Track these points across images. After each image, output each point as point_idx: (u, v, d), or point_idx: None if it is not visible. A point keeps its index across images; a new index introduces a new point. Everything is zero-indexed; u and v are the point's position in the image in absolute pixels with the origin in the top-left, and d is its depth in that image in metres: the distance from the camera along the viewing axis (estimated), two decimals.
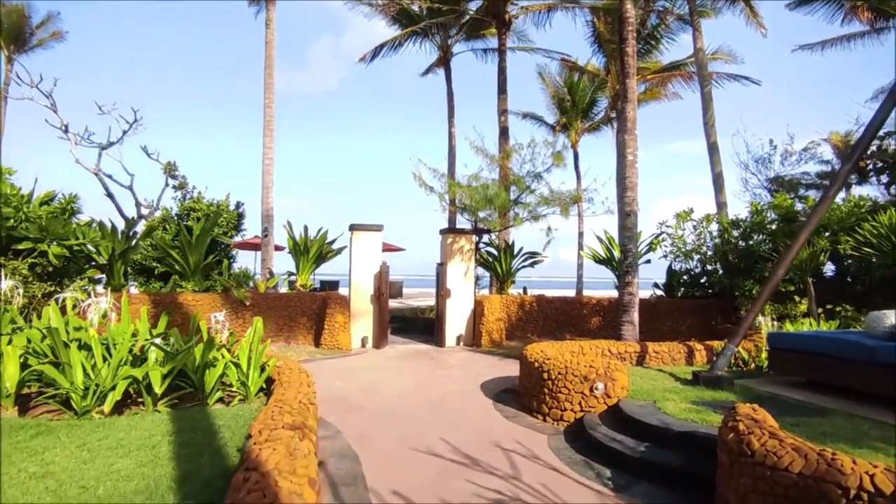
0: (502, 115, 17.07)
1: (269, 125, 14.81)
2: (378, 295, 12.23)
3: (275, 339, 11.86)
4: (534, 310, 13.57)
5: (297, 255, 12.92)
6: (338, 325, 11.58)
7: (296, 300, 12.11)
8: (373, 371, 9.29)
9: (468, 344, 12.80)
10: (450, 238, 12.92)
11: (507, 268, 14.21)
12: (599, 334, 13.50)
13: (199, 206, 17.17)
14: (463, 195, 12.82)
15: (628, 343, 8.44)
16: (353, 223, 12.41)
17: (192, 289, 11.36)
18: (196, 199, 18.07)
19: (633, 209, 11.28)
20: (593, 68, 24.38)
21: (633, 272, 11.17)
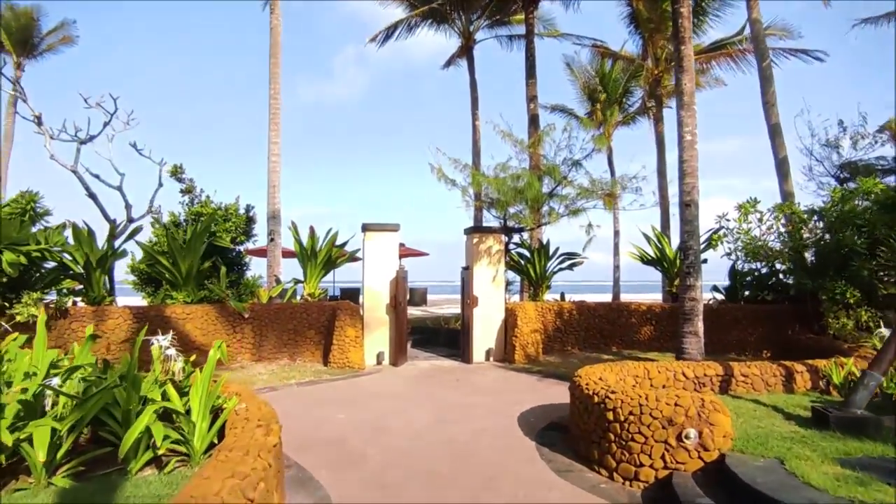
0: (531, 103, 15.40)
1: (274, 118, 13.48)
2: (395, 304, 10.68)
3: (278, 357, 10.42)
4: (574, 319, 11.81)
5: (304, 261, 11.48)
6: (348, 340, 10.06)
7: (302, 311, 10.65)
8: (386, 397, 7.71)
9: (499, 359, 11.12)
10: (476, 238, 11.30)
11: (541, 271, 12.49)
12: (651, 346, 11.65)
13: (207, 211, 15.99)
14: (489, 188, 11.19)
15: (707, 364, 6.61)
16: (366, 223, 10.91)
17: (184, 300, 10.02)
18: (204, 202, 16.97)
19: (693, 198, 9.47)
20: (627, 54, 22.51)
21: (695, 273, 9.35)
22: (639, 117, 25.75)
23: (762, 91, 14.35)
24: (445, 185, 11.20)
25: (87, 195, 10.31)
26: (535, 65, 15.70)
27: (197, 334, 9.54)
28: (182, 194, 18.16)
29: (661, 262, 12.56)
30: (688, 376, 6.33)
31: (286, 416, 6.61)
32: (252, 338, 10.25)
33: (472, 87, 19.05)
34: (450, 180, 11.08)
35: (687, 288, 9.35)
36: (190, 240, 10.11)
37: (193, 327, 9.51)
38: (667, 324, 11.60)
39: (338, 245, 11.80)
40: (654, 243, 12.65)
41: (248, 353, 10.19)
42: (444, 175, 10.99)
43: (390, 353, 10.76)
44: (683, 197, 9.54)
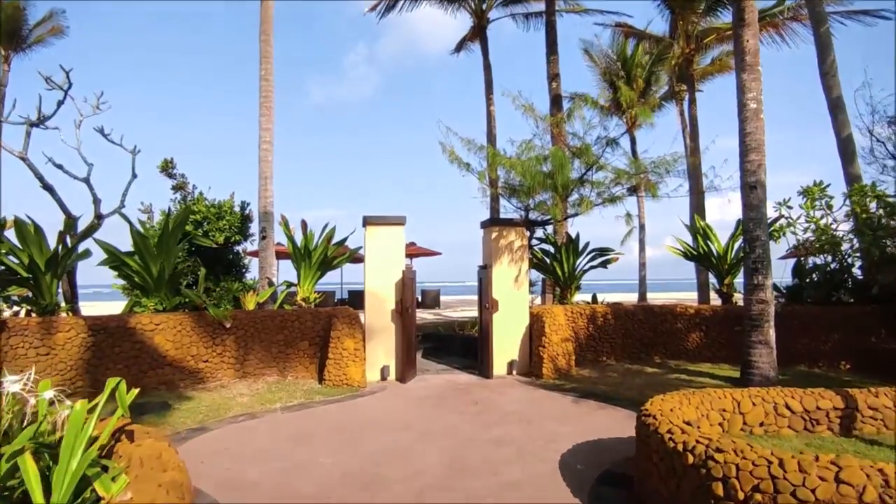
0: (553, 82, 13.76)
1: (265, 101, 12.03)
2: (401, 309, 9.14)
3: (265, 372, 8.93)
4: (609, 324, 10.17)
5: (297, 261, 10.00)
6: (347, 353, 8.53)
7: (293, 319, 9.16)
8: (387, 429, 6.15)
9: (523, 372, 9.53)
10: (495, 232, 9.71)
11: (570, 269, 10.86)
12: (701, 356, 9.96)
13: (199, 209, 14.71)
14: (510, 174, 9.59)
15: (819, 393, 4.86)
16: (368, 215, 9.39)
17: (155, 307, 8.59)
18: (197, 199, 15.69)
19: (759, 179, 7.81)
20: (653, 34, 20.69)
21: (764, 270, 7.69)
22: (665, 104, 23.97)
23: (819, 61, 12.54)
24: (459, 169, 9.63)
25: (42, 187, 8.92)
26: (556, 40, 14.05)
27: (168, 348, 8.09)
28: (173, 191, 16.89)
29: (708, 258, 10.85)
30: (793, 409, 4.67)
31: (255, 461, 5.10)
32: (235, 351, 8.78)
33: (485, 70, 17.48)
34: (463, 164, 9.51)
35: (754, 288, 7.68)
36: (161, 237, 8.66)
37: (164, 340, 8.06)
38: (720, 329, 9.90)
39: (336, 242, 10.29)
40: (699, 235, 10.95)
41: (229, 369, 8.72)
42: (456, 158, 9.42)
43: (396, 366, 9.22)
44: (746, 178, 7.88)
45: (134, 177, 10.23)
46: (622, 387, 8.05)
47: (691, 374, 8.78)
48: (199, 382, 8.34)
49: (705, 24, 19.05)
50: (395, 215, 9.45)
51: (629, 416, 6.48)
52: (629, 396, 7.42)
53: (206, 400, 7.46)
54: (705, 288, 16.89)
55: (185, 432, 5.99)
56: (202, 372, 8.42)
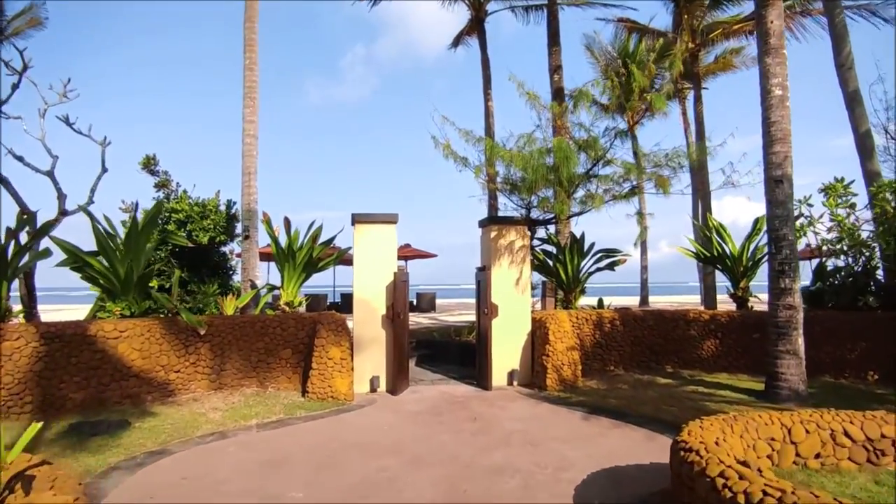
0: (555, 74, 13.07)
1: (250, 92, 11.29)
2: (392, 315, 8.39)
3: (244, 383, 8.17)
4: (617, 331, 9.45)
5: (280, 262, 9.24)
6: (332, 363, 7.78)
7: (276, 326, 8.39)
8: (374, 452, 5.40)
9: (525, 383, 8.79)
10: (494, 231, 8.99)
11: (574, 272, 10.14)
12: (717, 366, 9.24)
13: (182, 207, 13.93)
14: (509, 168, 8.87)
15: (882, 416, 4.10)
16: (357, 213, 8.65)
17: (122, 312, 7.82)
18: (180, 198, 14.93)
19: (785, 172, 7.12)
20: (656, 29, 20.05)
21: (792, 272, 6.99)
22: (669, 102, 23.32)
23: (835, 53, 11.90)
24: (455, 164, 8.90)
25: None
26: (558, 31, 13.38)
27: (134, 357, 7.30)
28: (156, 189, 16.10)
29: (722, 259, 10.15)
30: (854, 438, 3.94)
31: (215, 496, 4.34)
32: (210, 360, 8.01)
33: (483, 66, 16.80)
34: (460, 158, 8.78)
35: (781, 292, 6.98)
36: (129, 236, 7.89)
37: (130, 349, 7.28)
38: (736, 336, 9.19)
39: (323, 241, 9.55)
40: (711, 235, 10.25)
41: (203, 380, 7.95)
42: (452, 152, 8.68)
43: (387, 377, 8.46)
44: (771, 171, 7.18)
45: (104, 170, 9.47)
46: (635, 400, 7.32)
47: (709, 385, 8.06)
48: (169, 395, 7.56)
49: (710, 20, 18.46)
50: (387, 213, 8.72)
51: (648, 437, 5.76)
52: (644, 412, 6.69)
53: (173, 416, 6.68)
54: (712, 291, 16.22)
55: (141, 457, 5.22)
56: (173, 384, 7.64)
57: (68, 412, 6.64)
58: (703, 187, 15.89)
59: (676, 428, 5.97)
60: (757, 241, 9.87)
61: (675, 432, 5.84)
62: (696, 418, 6.32)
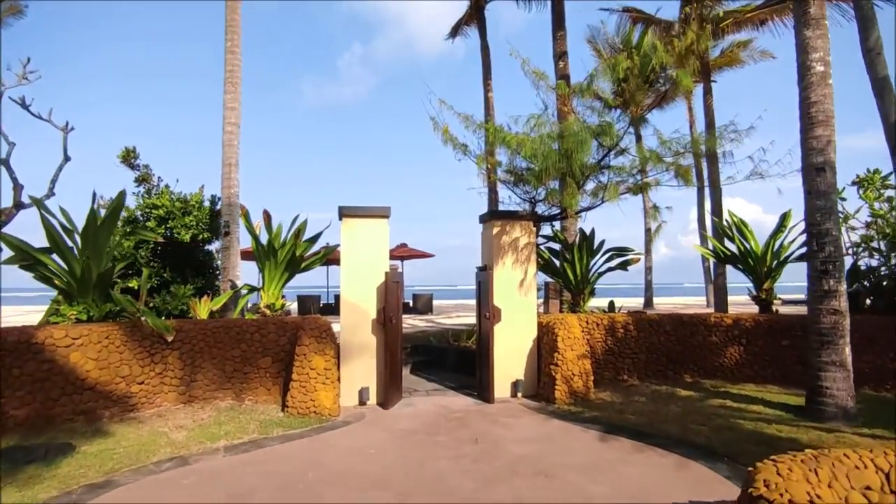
0: (560, 61, 12.24)
1: (231, 76, 10.41)
2: (384, 319, 7.53)
3: (217, 396, 7.31)
4: (630, 337, 8.61)
5: (260, 260, 8.39)
6: (315, 374, 6.92)
7: (254, 331, 7.54)
8: (355, 486, 4.54)
9: (530, 394, 7.96)
10: (496, 227, 8.15)
11: (583, 272, 9.31)
12: (741, 375, 8.41)
13: (162, 203, 13.10)
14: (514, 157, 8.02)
15: None
16: (344, 206, 7.80)
17: (78, 316, 6.95)
18: (161, 193, 14.09)
19: (828, 159, 6.29)
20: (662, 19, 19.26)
21: (836, 272, 6.16)
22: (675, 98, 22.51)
23: (862, 37, 11.07)
24: (454, 152, 8.04)
25: None
26: (563, 14, 12.54)
27: (90, 368, 6.42)
28: (136, 184, 15.28)
29: (745, 259, 9.32)
30: None
31: None
32: (179, 369, 7.14)
33: (483, 54, 15.97)
34: (460, 145, 7.93)
35: (824, 295, 6.15)
36: (87, 231, 7.01)
37: (84, 358, 6.39)
38: (763, 343, 8.36)
39: (308, 238, 8.70)
40: (733, 232, 9.42)
41: (171, 392, 7.08)
42: (451, 137, 7.83)
43: (378, 388, 7.61)
44: (811, 158, 6.35)
45: (66, 159, 8.56)
46: (656, 417, 6.48)
47: (737, 399, 7.23)
48: (130, 410, 6.68)
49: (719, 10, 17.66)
50: (378, 206, 7.86)
51: (679, 464, 4.91)
52: (669, 432, 5.85)
53: (129, 436, 5.81)
54: (723, 293, 15.39)
55: (78, 491, 4.36)
56: (135, 397, 6.77)
57: (9, 432, 5.75)
58: (714, 182, 15.07)
59: (710, 453, 5.17)
60: (782, 238, 9.05)
61: (709, 458, 5.05)
62: (730, 439, 5.55)
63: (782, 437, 5.50)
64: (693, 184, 7.70)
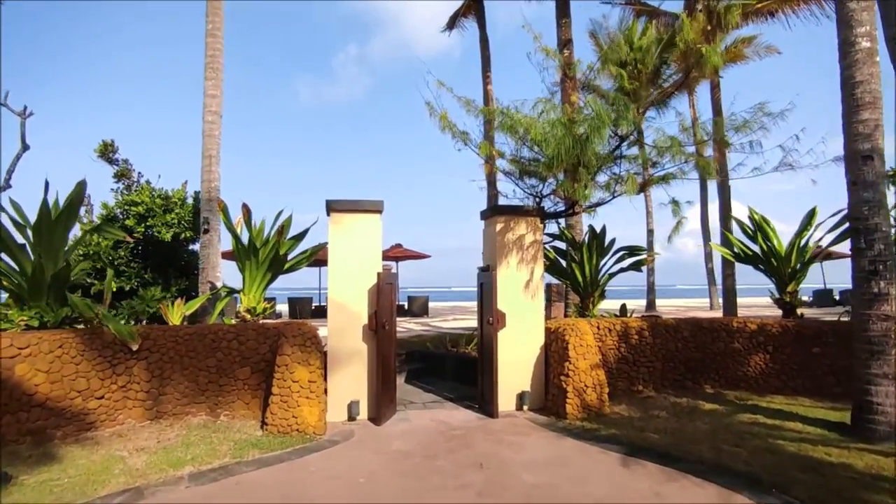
0: (565, 49, 11.53)
1: (212, 63, 9.63)
2: (377, 325, 6.78)
3: (189, 411, 6.52)
4: (646, 343, 7.90)
5: (240, 260, 7.62)
6: (298, 387, 6.15)
7: (232, 338, 6.76)
8: None
9: (538, 407, 7.23)
10: (500, 223, 7.42)
11: (592, 272, 8.59)
12: (768, 386, 7.71)
13: (142, 199, 12.35)
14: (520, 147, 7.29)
15: None
16: (332, 200, 7.04)
17: (28, 323, 6.16)
18: (140, 189, 13.32)
19: (875, 145, 5.61)
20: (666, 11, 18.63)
21: (888, 273, 5.48)
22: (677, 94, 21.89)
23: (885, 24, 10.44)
24: (453, 140, 7.29)
25: None
26: (568, 0, 11.85)
27: (39, 381, 5.63)
28: (115, 180, 14.52)
29: (767, 259, 8.63)
30: None
31: None
32: (146, 382, 6.36)
33: (482, 45, 15.27)
34: (460, 132, 7.19)
35: (874, 298, 5.45)
36: (38, 224, 6.21)
37: (33, 370, 5.60)
38: (791, 351, 7.67)
39: (294, 236, 7.94)
40: (753, 230, 8.72)
41: (136, 408, 6.29)
42: (450, 125, 7.09)
43: (369, 401, 6.86)
44: (856, 145, 5.66)
45: (25, 148, 7.75)
46: (683, 436, 5.76)
47: (768, 413, 6.51)
48: (87, 429, 5.89)
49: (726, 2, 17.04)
50: (370, 200, 7.11)
51: (721, 496, 4.19)
52: (701, 455, 5.12)
53: (79, 462, 5.03)
54: (732, 295, 14.73)
55: None
56: (93, 414, 5.98)
57: None
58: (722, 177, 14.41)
59: (754, 481, 4.41)
60: (807, 236, 8.38)
61: (754, 489, 4.29)
62: (774, 464, 4.72)
63: (833, 462, 4.79)
64: (715, 176, 6.96)
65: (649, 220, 23.32)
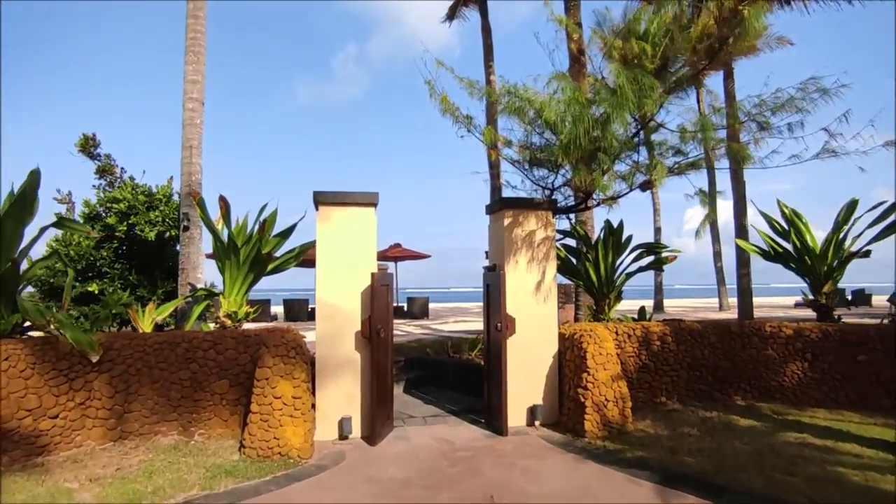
0: (574, 34, 10.77)
1: (193, 45, 8.88)
2: (371, 332, 6.01)
3: (160, 429, 5.77)
4: (668, 350, 7.14)
5: (220, 258, 6.86)
6: (280, 404, 5.39)
7: (208, 347, 6.00)
8: None
9: (551, 422, 6.49)
10: (507, 217, 6.67)
11: (608, 272, 7.84)
12: (808, 398, 6.97)
13: (123, 196, 11.61)
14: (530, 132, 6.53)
15: None
16: (320, 192, 6.28)
17: None
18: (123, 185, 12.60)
19: None
20: None
21: None
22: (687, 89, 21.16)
23: None
24: (456, 127, 6.53)
25: None
26: None
27: None
28: (97, 175, 13.77)
29: (800, 257, 7.87)
30: None
31: None
32: (108, 398, 5.60)
33: (484, 34, 14.52)
34: (463, 117, 6.42)
35: None
36: None
37: None
38: (833, 359, 6.91)
39: (279, 233, 7.19)
40: (791, 229, 7.96)
41: (97, 428, 5.54)
42: (451, 108, 6.33)
43: (363, 418, 6.10)
44: None
45: None
46: (722, 460, 4.99)
47: (816, 432, 5.75)
48: (39, 453, 5.14)
49: None
50: (362, 192, 6.36)
51: None
52: (751, 485, 4.36)
53: (17, 497, 4.26)
54: (748, 296, 13.96)
55: None
56: (46, 435, 5.22)
57: None
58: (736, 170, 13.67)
59: None
60: (846, 231, 7.63)
61: None
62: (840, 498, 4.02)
63: None
64: (751, 162, 6.20)
65: (656, 219, 22.56)
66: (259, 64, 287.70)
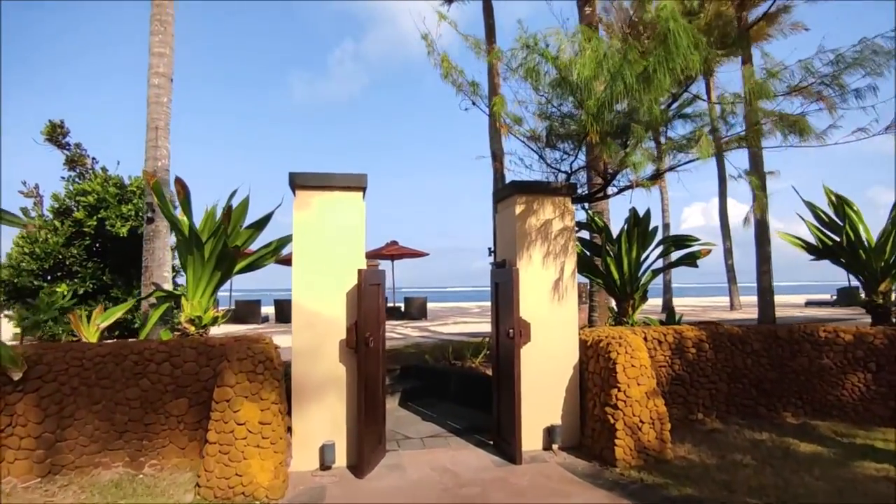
0: (586, 6, 9.78)
1: (160, 12, 7.81)
2: (358, 340, 4.98)
3: (102, 460, 4.74)
4: (705, 359, 6.14)
5: (181, 254, 5.84)
6: (244, 432, 4.36)
7: (162, 359, 4.97)
8: None
9: (572, 445, 5.49)
10: (520, 205, 5.65)
11: (632, 268, 6.83)
12: (874, 416, 6.05)
13: (93, 188, 10.69)
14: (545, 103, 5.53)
15: None
16: (296, 173, 5.25)
17: None
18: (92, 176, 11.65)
19: None
20: None
21: None
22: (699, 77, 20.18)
23: None
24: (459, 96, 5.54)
25: None
26: None
27: None
28: (66, 167, 12.78)
29: (853, 251, 6.88)
30: None
31: None
32: (36, 423, 4.58)
33: (486, 13, 13.43)
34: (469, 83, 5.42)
35: None
36: None
37: None
38: None
39: (252, 224, 6.17)
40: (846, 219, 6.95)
41: (19, 461, 4.51)
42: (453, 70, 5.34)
43: (349, 443, 5.08)
44: None
45: None
46: (794, 498, 3.99)
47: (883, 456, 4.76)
48: None
49: None
50: (347, 174, 5.33)
51: None
52: None
53: None
54: (769, 294, 12.97)
55: None
56: None
57: None
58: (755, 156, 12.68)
59: None
60: None
61: None
62: None
63: None
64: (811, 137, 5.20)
65: (665, 215, 21.58)
66: (256, 59, 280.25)
